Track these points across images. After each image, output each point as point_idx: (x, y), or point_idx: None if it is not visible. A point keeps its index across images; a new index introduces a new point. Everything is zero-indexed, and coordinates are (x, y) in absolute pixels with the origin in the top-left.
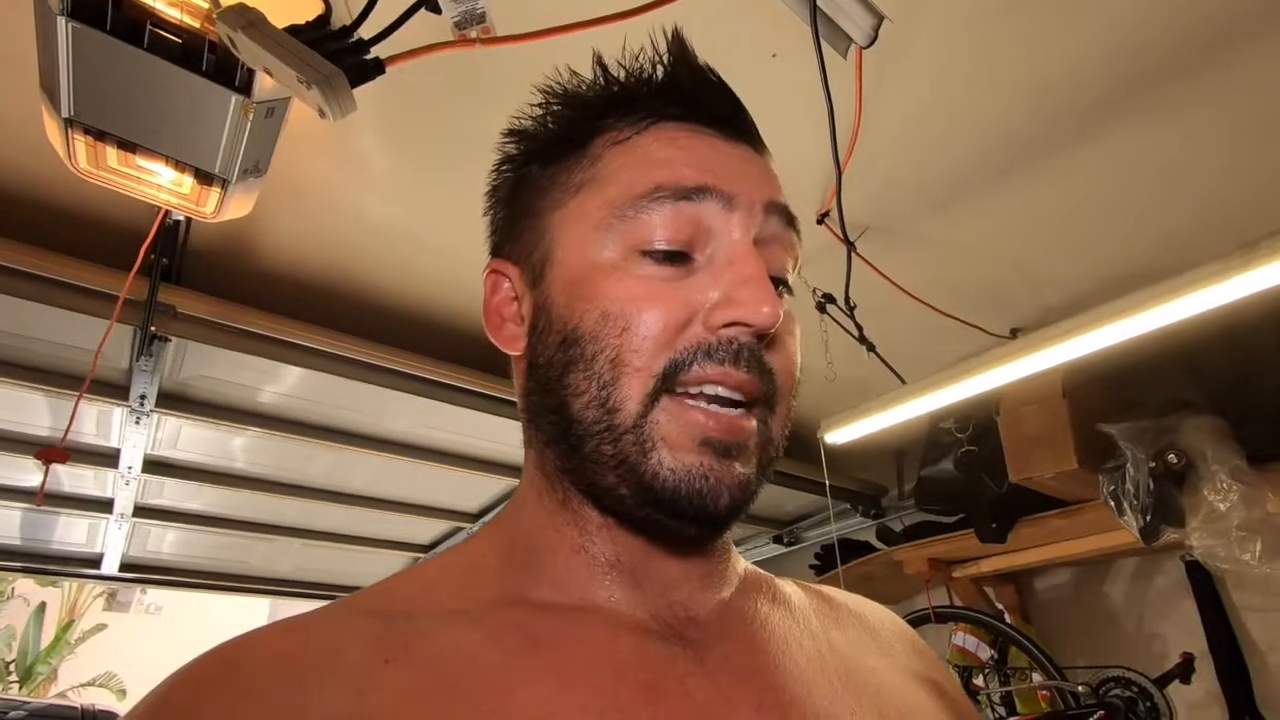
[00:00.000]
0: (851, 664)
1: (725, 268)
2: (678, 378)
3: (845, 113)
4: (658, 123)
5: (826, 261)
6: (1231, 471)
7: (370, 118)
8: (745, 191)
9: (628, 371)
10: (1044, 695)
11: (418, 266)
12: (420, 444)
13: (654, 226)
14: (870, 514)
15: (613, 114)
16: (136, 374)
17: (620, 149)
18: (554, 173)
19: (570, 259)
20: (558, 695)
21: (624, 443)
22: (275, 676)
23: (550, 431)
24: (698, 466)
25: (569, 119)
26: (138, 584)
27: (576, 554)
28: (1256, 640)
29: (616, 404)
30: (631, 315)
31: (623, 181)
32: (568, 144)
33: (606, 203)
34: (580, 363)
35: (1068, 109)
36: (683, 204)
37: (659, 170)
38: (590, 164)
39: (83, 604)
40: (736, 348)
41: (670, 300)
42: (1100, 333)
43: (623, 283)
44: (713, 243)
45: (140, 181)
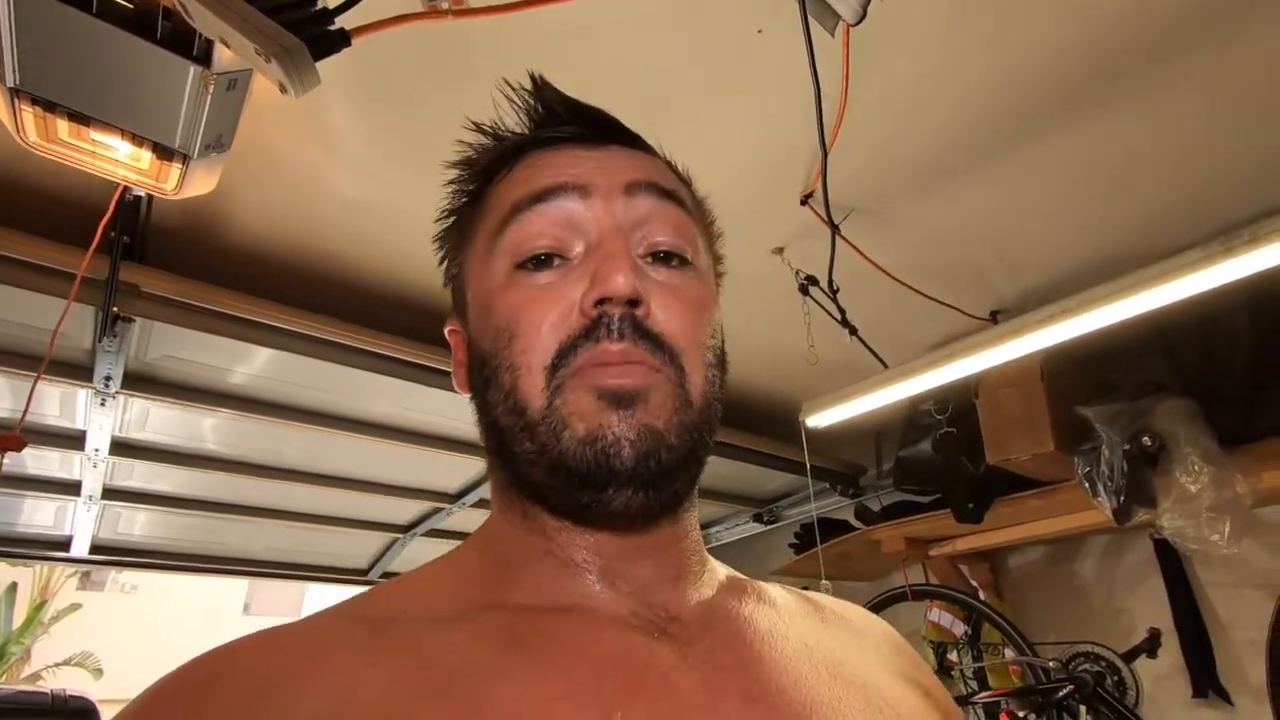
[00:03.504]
0: (838, 657)
1: (591, 255)
2: (567, 362)
3: (829, 93)
4: (526, 154)
5: (809, 243)
6: (1203, 454)
7: (339, 92)
8: (603, 181)
9: (522, 374)
10: (1015, 670)
11: (391, 244)
12: (397, 425)
13: (520, 238)
14: (849, 493)
15: (497, 163)
16: (100, 355)
17: (498, 186)
18: (464, 227)
19: (474, 293)
20: (541, 689)
21: (539, 434)
22: (257, 687)
23: (492, 448)
24: (598, 426)
25: (469, 179)
26: (109, 566)
27: (548, 558)
28: (1220, 616)
29: (522, 404)
30: (515, 323)
31: (496, 209)
32: (471, 200)
33: (486, 233)
34: (493, 379)
35: (1049, 93)
36: (539, 207)
37: (519, 187)
38: (481, 207)
39: (55, 584)
40: (608, 321)
41: (546, 300)
42: (1081, 319)
43: (507, 296)
44: (582, 236)
45: (95, 156)
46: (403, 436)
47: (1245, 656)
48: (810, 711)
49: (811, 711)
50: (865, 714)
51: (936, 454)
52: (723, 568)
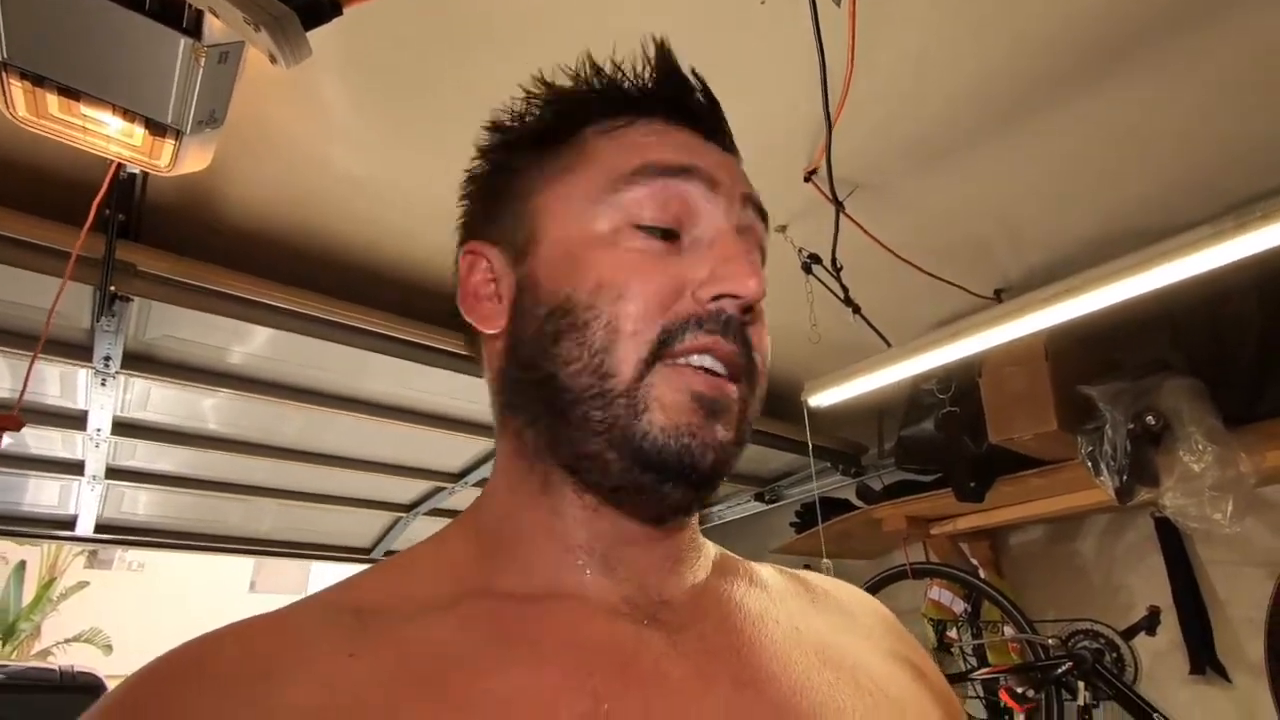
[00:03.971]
0: (828, 641)
1: (710, 248)
2: (670, 346)
3: (833, 67)
4: (641, 116)
5: (811, 221)
6: (1207, 433)
7: (334, 64)
8: (726, 180)
9: (622, 337)
10: (1014, 647)
11: (389, 222)
12: (398, 404)
13: (644, 201)
14: (850, 472)
15: (600, 109)
16: (99, 335)
17: (608, 138)
18: (539, 159)
19: (559, 235)
20: (529, 680)
21: (616, 406)
22: (241, 674)
23: (533, 407)
24: (686, 425)
25: (558, 112)
26: (114, 545)
27: (549, 540)
28: (1219, 593)
29: (610, 369)
30: (626, 284)
31: (611, 162)
32: (554, 134)
33: (596, 180)
34: (573, 331)
35: (1056, 67)
36: (670, 181)
37: (647, 151)
38: (578, 152)
39: (63, 562)
40: (725, 319)
41: (662, 272)
42: (1086, 297)
43: (616, 254)
44: (698, 225)
45: (86, 132)
46: (404, 416)
47: (1244, 634)
48: (800, 697)
49: (801, 697)
50: (855, 698)
51: (939, 433)
52: (714, 548)
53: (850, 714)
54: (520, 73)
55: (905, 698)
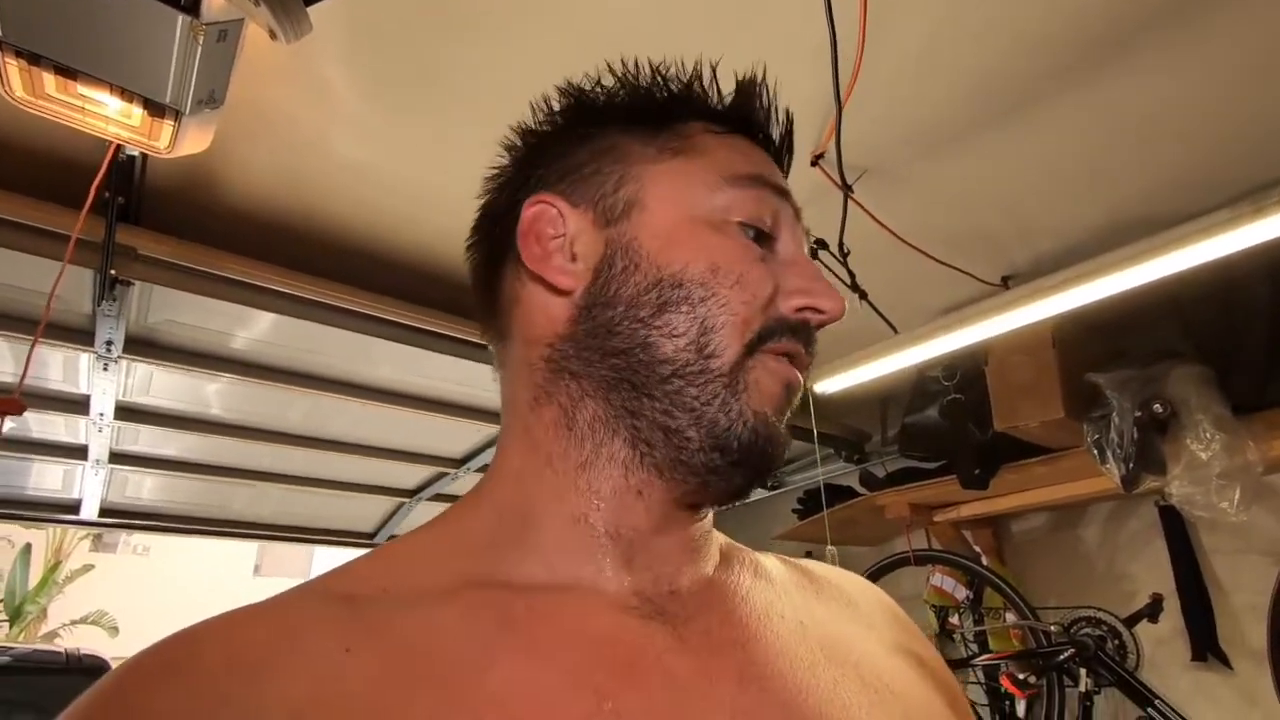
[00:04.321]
0: (832, 635)
1: (794, 263)
2: (766, 342)
3: (843, 49)
4: (743, 131)
5: (818, 205)
6: (1215, 421)
7: (336, 43)
8: (798, 210)
9: (735, 322)
10: (1016, 633)
11: (392, 206)
12: (401, 390)
13: (753, 205)
14: (854, 459)
15: (707, 108)
16: (100, 319)
17: (714, 137)
18: (638, 135)
19: (669, 209)
20: (532, 676)
21: (714, 386)
22: (232, 666)
23: (606, 375)
24: (772, 415)
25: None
26: (119, 529)
27: (575, 525)
28: (1222, 581)
29: (716, 350)
30: (742, 272)
31: (725, 160)
32: (664, 116)
33: (712, 170)
34: (684, 304)
35: (1067, 53)
36: (774, 197)
37: (756, 164)
38: (683, 139)
39: (69, 546)
40: (806, 331)
41: (767, 271)
42: (1094, 285)
43: (730, 242)
44: (780, 241)
45: (84, 112)
46: (407, 402)
47: (1246, 621)
48: (805, 695)
49: (807, 695)
50: (860, 695)
51: (943, 420)
52: (720, 537)
53: (855, 711)
54: (526, 56)
55: (908, 691)
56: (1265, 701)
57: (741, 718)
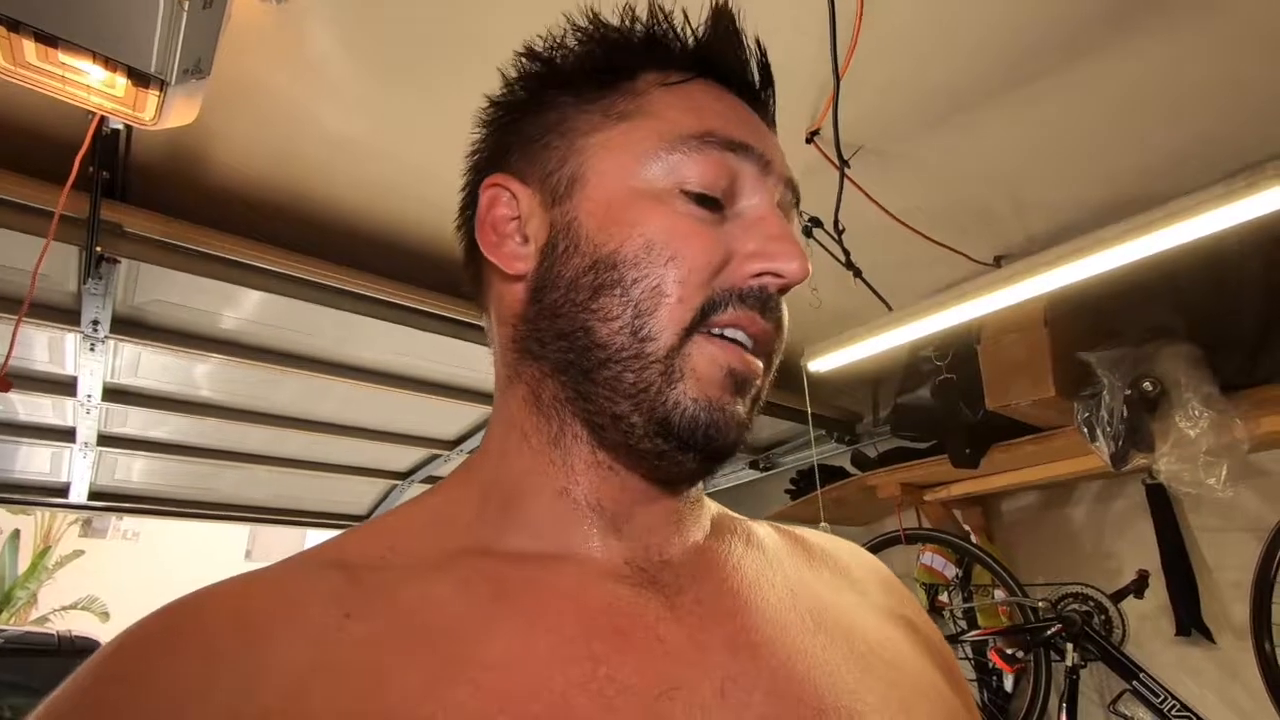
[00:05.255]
0: (823, 602)
1: (755, 224)
2: (710, 317)
3: (841, 20)
4: (702, 75)
5: (812, 183)
6: (1204, 399)
7: (325, 12)
8: (776, 161)
9: (668, 303)
10: (1004, 610)
11: (383, 182)
12: (392, 371)
13: (700, 168)
14: (845, 440)
15: (660, 57)
16: (86, 298)
17: (668, 91)
18: (588, 99)
19: (608, 183)
20: (526, 644)
21: (650, 371)
22: (233, 632)
23: (557, 358)
24: (717, 399)
25: (613, 52)
26: (108, 512)
27: (559, 498)
28: (1207, 558)
29: (651, 333)
30: (678, 248)
31: (672, 119)
32: (609, 75)
33: (654, 135)
34: (617, 287)
35: (1062, 30)
36: (727, 154)
37: (710, 117)
38: (633, 98)
39: (58, 531)
40: (765, 298)
41: (712, 241)
42: (1086, 262)
43: (668, 215)
44: (741, 199)
45: (66, 81)
46: (399, 383)
47: (1229, 597)
48: (795, 661)
49: (796, 661)
50: (849, 661)
51: (935, 400)
52: (713, 505)
53: (844, 677)
54: (520, 21)
55: (900, 657)
56: (1247, 674)
57: (731, 684)
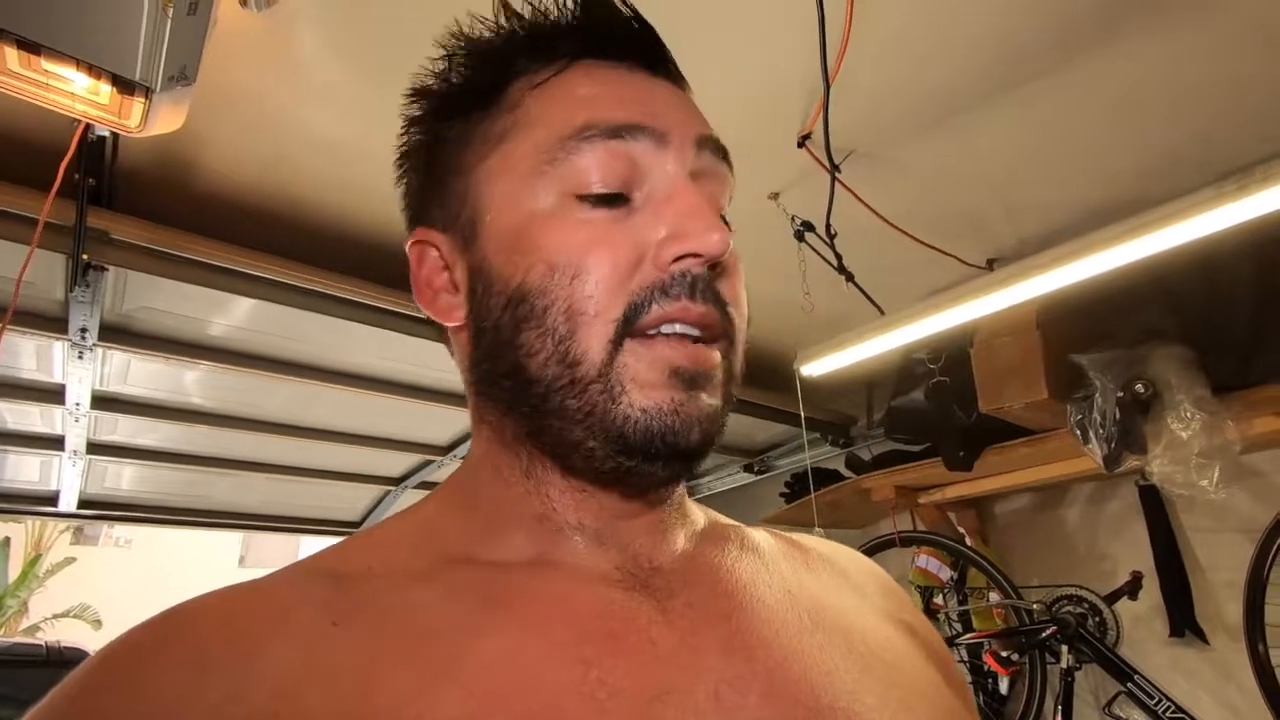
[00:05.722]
0: (821, 604)
1: (665, 204)
2: (638, 320)
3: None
4: (575, 61)
5: (804, 188)
6: (1196, 401)
7: (312, 15)
8: (676, 126)
9: (585, 321)
10: (999, 612)
11: (369, 187)
12: (384, 377)
13: (588, 168)
14: (839, 443)
15: (525, 58)
16: (74, 305)
17: (540, 92)
18: (470, 127)
19: (503, 214)
20: (516, 648)
21: (590, 393)
22: (222, 640)
23: (508, 398)
24: (669, 403)
25: (478, 67)
26: (98, 521)
27: (540, 522)
28: (1200, 559)
29: (578, 356)
30: (579, 262)
31: (548, 123)
32: (481, 95)
33: (534, 148)
34: (531, 319)
35: (1053, 33)
36: (614, 142)
37: (585, 108)
38: (509, 111)
39: (49, 539)
40: (691, 280)
41: (617, 242)
42: (1078, 264)
43: (564, 230)
44: (648, 181)
45: (49, 89)
46: (390, 388)
47: (1222, 598)
48: (791, 662)
49: (792, 662)
50: (847, 661)
51: (929, 403)
52: (705, 513)
53: (841, 677)
54: None
55: (898, 659)
56: (1240, 675)
57: (726, 686)
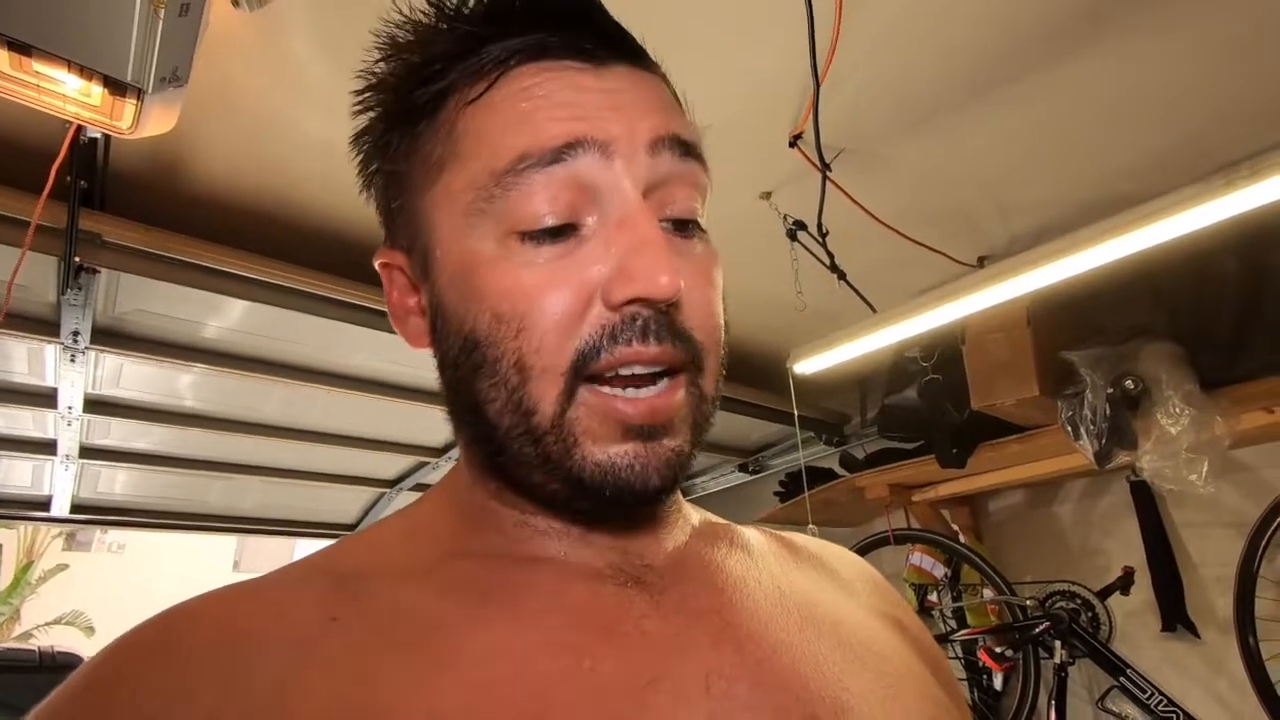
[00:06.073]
0: (811, 599)
1: (615, 231)
2: (589, 367)
3: (819, 27)
4: (509, 70)
5: (796, 187)
6: (1184, 396)
7: (303, 16)
8: (625, 134)
9: (534, 374)
10: (993, 609)
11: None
12: (380, 379)
13: (528, 204)
14: (833, 442)
15: (458, 66)
16: (66, 308)
17: (473, 111)
18: (415, 145)
19: (449, 253)
20: (511, 640)
21: (545, 442)
22: (219, 641)
23: (471, 431)
24: (623, 456)
25: (415, 77)
26: (91, 525)
27: (523, 525)
28: (1191, 554)
29: (530, 407)
30: (524, 313)
31: (483, 154)
32: (418, 109)
33: (470, 183)
34: (484, 368)
35: (1044, 31)
36: (554, 169)
37: (520, 134)
38: (447, 134)
39: (41, 544)
40: (642, 323)
41: (563, 286)
42: (1067, 261)
43: (508, 276)
44: (598, 201)
45: (41, 91)
46: (386, 390)
47: (1213, 592)
48: (780, 655)
49: (781, 655)
50: (836, 654)
51: (921, 400)
52: (697, 512)
53: (830, 668)
54: None
55: (887, 652)
56: (1232, 668)
57: (716, 676)
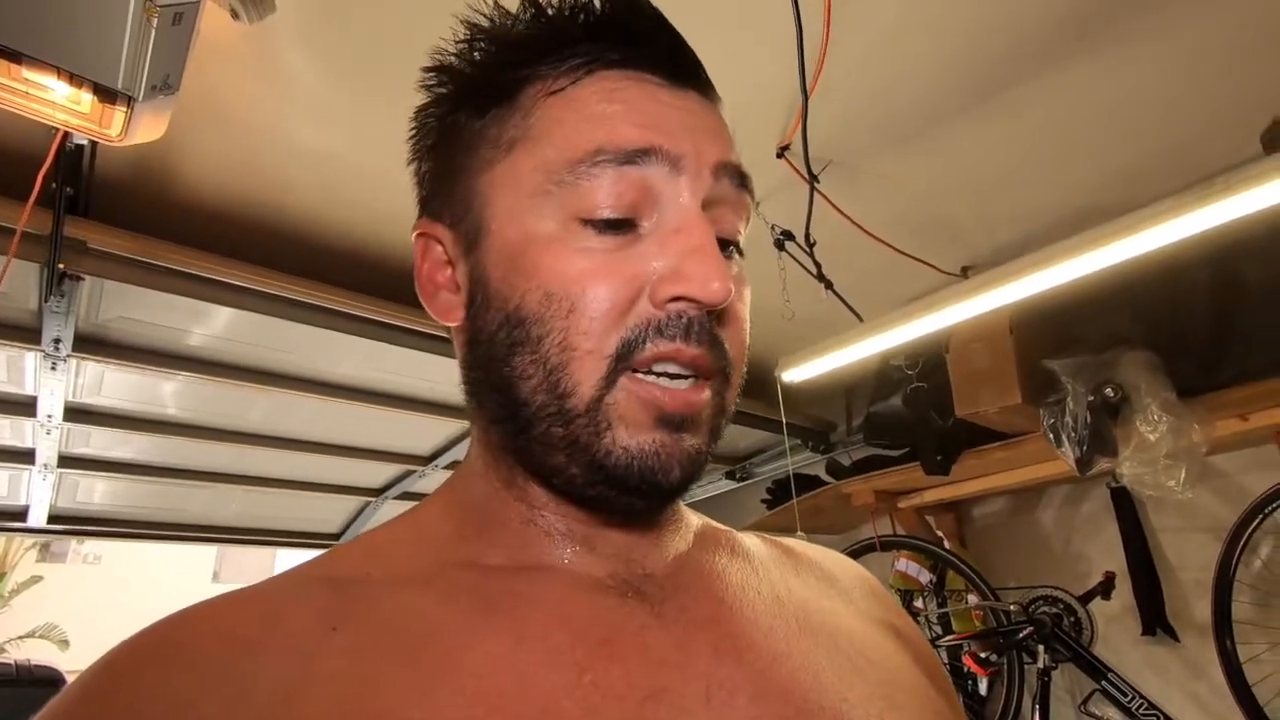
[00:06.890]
0: (809, 607)
1: (672, 236)
2: (630, 358)
3: (809, 38)
4: (594, 71)
5: (784, 197)
6: (1162, 404)
7: (296, 25)
8: (693, 152)
9: (578, 355)
10: (978, 614)
11: (354, 197)
12: (365, 387)
13: (596, 194)
14: (820, 449)
15: (545, 59)
16: (48, 315)
17: (554, 101)
18: (483, 125)
19: (505, 229)
20: (512, 652)
21: (576, 425)
22: (220, 649)
23: (495, 410)
24: (651, 444)
25: (496, 63)
26: (69, 536)
27: (527, 525)
28: (1170, 559)
29: (568, 389)
30: (577, 295)
31: (559, 142)
32: (496, 92)
33: (542, 166)
34: (525, 345)
35: (1029, 43)
36: (626, 168)
37: (599, 129)
38: (522, 118)
39: (14, 556)
40: (686, 322)
41: (617, 275)
42: (1049, 272)
43: (564, 258)
44: (658, 208)
45: (29, 97)
46: (371, 398)
47: (1192, 596)
48: (779, 665)
49: (780, 665)
50: (834, 663)
51: (906, 408)
52: (697, 517)
53: (829, 678)
54: None
55: (885, 660)
56: (1210, 671)
57: (717, 688)
